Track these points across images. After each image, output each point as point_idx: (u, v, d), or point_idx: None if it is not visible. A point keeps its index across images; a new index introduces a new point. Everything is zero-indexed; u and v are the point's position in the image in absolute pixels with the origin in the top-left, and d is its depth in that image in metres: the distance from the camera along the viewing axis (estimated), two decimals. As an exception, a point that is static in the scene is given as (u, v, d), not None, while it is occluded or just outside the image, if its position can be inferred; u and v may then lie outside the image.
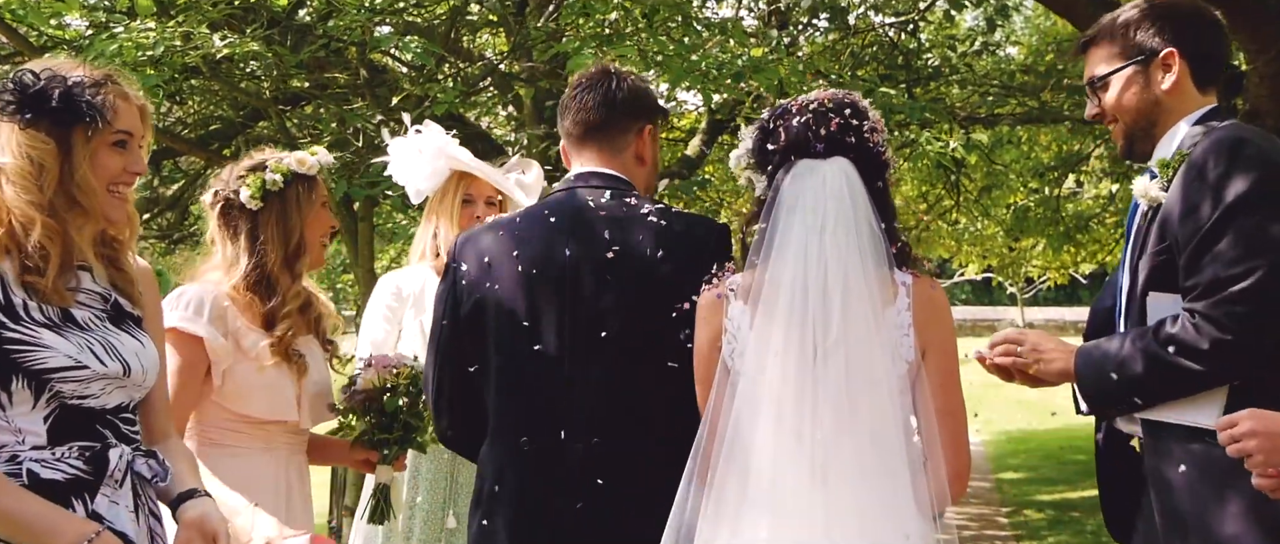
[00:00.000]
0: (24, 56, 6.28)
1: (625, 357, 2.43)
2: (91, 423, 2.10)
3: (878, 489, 2.16)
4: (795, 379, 2.20)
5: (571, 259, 2.47)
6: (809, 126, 2.30)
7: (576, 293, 2.46)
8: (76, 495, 2.07)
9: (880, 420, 2.19)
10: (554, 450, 2.43)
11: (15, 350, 2.03)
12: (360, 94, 6.59)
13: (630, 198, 2.53)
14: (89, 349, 2.09)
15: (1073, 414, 2.74)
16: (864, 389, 2.20)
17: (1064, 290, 25.45)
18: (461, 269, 2.55)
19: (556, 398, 2.45)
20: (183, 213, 8.53)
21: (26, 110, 2.08)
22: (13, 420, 2.04)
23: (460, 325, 2.53)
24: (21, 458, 2.03)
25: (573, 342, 2.45)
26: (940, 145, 6.62)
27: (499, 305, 2.49)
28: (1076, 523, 8.46)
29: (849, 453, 2.17)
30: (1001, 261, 17.14)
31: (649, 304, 2.43)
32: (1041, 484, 10.48)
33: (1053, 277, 18.65)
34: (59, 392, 2.06)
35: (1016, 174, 11.52)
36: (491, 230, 2.57)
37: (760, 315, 2.25)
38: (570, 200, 2.54)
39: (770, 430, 2.19)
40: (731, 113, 7.93)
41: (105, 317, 2.16)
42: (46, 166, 2.09)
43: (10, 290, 2.06)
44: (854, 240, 2.24)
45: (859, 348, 2.20)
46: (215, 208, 2.83)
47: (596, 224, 2.48)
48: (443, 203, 3.45)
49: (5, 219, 2.07)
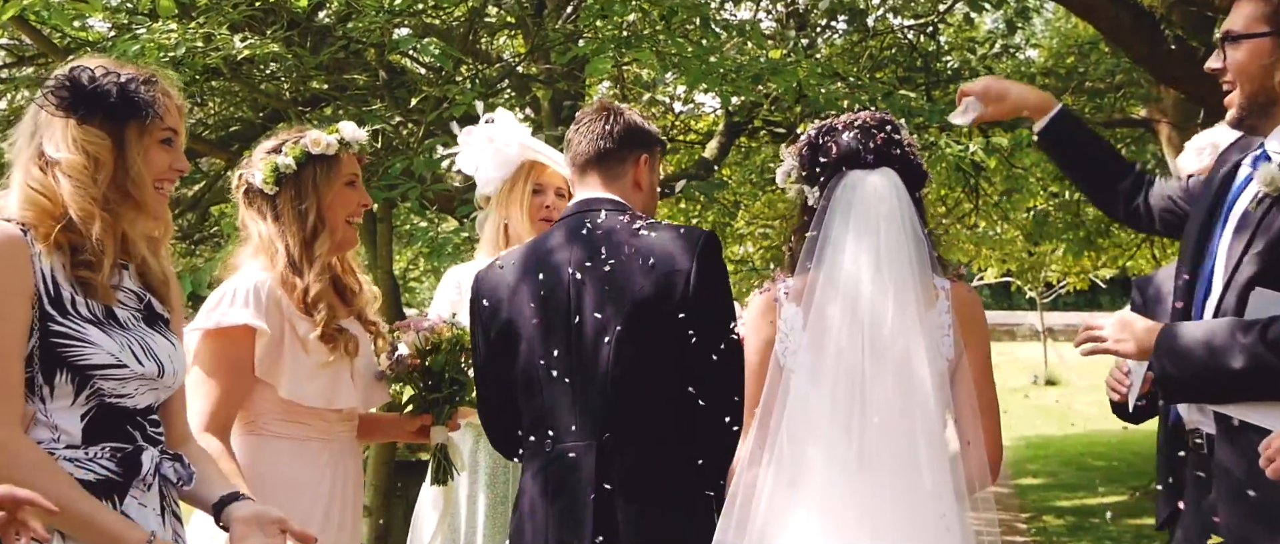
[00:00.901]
0: (48, 58, 6.34)
1: (625, 361, 2.65)
2: (123, 423, 2.12)
3: (918, 478, 2.34)
4: (847, 375, 2.39)
5: (572, 276, 2.71)
6: (858, 140, 2.52)
7: (580, 306, 2.69)
8: (106, 497, 2.08)
9: (922, 415, 2.37)
10: (571, 450, 2.66)
11: (61, 345, 2.05)
12: (379, 95, 6.61)
13: (623, 216, 2.76)
14: (129, 348, 2.11)
15: (1091, 421, 2.73)
16: (908, 385, 2.38)
17: (1084, 295, 25.30)
18: (481, 303, 2.81)
19: (570, 402, 2.68)
20: (203, 214, 8.57)
21: (82, 106, 2.11)
22: (51, 415, 2.05)
23: (491, 348, 2.80)
24: (57, 455, 2.04)
25: (579, 350, 2.68)
26: (959, 148, 6.59)
27: (517, 326, 2.75)
28: (1096, 529, 8.40)
29: (893, 444, 2.36)
30: (1021, 266, 17.06)
31: (644, 308, 2.65)
32: (1061, 490, 10.43)
33: (1072, 281, 18.54)
34: (99, 389, 2.07)
35: (1037, 178, 11.45)
36: (503, 263, 2.85)
37: (814, 315, 2.45)
38: (571, 225, 2.79)
39: (823, 424, 2.39)
40: (749, 115, 7.93)
41: (140, 316, 2.18)
42: (102, 162, 2.12)
43: (60, 285, 2.07)
44: (902, 244, 2.44)
45: (905, 346, 2.40)
46: (240, 191, 2.84)
47: (594, 242, 2.73)
48: (512, 192, 3.42)
49: (60, 213, 2.09)
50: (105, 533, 2.05)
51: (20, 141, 2.16)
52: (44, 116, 2.13)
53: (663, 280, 2.66)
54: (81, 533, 2.01)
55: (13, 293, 2.01)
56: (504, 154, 3.41)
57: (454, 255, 5.78)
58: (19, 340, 2.02)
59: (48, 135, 2.12)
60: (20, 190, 2.11)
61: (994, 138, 8.12)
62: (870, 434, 2.37)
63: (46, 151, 2.11)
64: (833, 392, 2.40)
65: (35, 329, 2.03)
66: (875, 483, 2.35)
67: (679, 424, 2.64)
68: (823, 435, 2.39)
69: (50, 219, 2.08)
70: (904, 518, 2.34)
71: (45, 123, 2.13)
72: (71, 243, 2.09)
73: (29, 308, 2.03)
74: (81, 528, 2.01)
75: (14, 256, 2.03)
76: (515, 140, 3.41)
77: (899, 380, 2.39)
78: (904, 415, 2.39)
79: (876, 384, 2.39)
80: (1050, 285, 21.58)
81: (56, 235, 2.07)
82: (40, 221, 2.08)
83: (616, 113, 2.86)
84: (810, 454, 2.39)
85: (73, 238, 2.10)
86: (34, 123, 2.15)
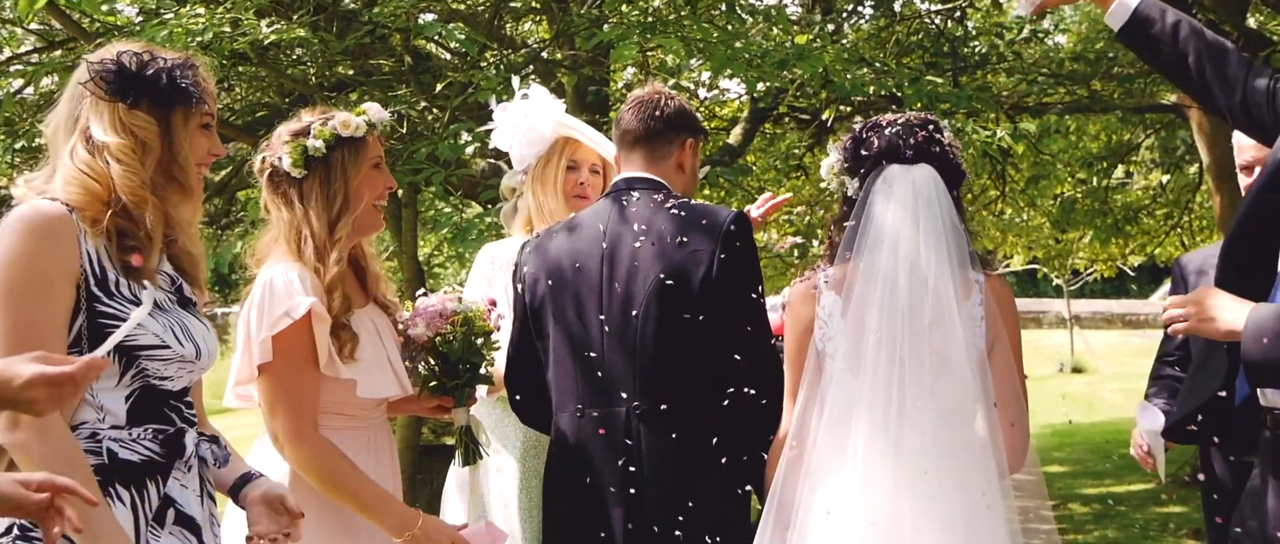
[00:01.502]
0: (78, 42, 6.39)
1: (653, 330, 2.80)
2: (163, 405, 2.14)
3: (958, 461, 2.46)
4: (886, 362, 2.49)
5: (608, 250, 2.88)
6: (899, 136, 2.64)
7: (613, 279, 2.85)
8: (150, 477, 2.11)
9: (956, 401, 2.49)
10: (604, 415, 2.83)
11: (109, 325, 2.07)
12: (404, 81, 6.63)
13: (659, 195, 2.92)
14: (171, 330, 2.13)
15: (1117, 409, 2.76)
16: (944, 372, 2.50)
17: (1112, 283, 25.09)
18: (524, 270, 2.99)
19: (604, 370, 2.84)
20: (230, 199, 8.63)
21: (131, 91, 2.12)
22: (97, 396, 2.07)
23: (527, 317, 2.97)
24: (101, 436, 2.07)
25: (612, 320, 2.84)
26: (986, 134, 6.54)
27: (556, 296, 2.92)
28: (1122, 517, 8.36)
29: (932, 428, 2.47)
30: (1047, 253, 16.93)
31: (674, 282, 2.80)
32: (1087, 478, 10.37)
33: (1100, 269, 18.39)
34: (144, 370, 2.10)
35: (1064, 164, 11.35)
36: (548, 235, 3.02)
37: (854, 304, 2.55)
38: (610, 202, 2.97)
39: (862, 409, 2.49)
40: (774, 101, 7.89)
41: (174, 299, 2.20)
42: (150, 146, 2.14)
43: (106, 266, 2.08)
44: (939, 236, 2.55)
45: (944, 335, 2.51)
46: (263, 175, 2.77)
47: (630, 219, 2.89)
48: (547, 168, 3.39)
49: (108, 197, 2.10)
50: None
51: (59, 125, 2.16)
52: (89, 100, 2.13)
53: (692, 257, 2.80)
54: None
55: (58, 272, 2.03)
56: (537, 131, 3.38)
57: (478, 241, 5.78)
58: (62, 320, 2.03)
59: (95, 119, 2.12)
60: (67, 172, 2.11)
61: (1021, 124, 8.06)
62: (908, 418, 2.47)
63: (94, 135, 2.11)
64: (872, 378, 2.49)
65: (82, 309, 2.05)
66: (916, 467, 2.44)
67: (705, 394, 2.77)
68: (862, 419, 2.49)
69: (98, 202, 2.09)
70: (947, 500, 2.43)
71: (91, 106, 2.13)
72: (118, 228, 2.11)
73: (73, 288, 2.04)
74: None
75: (60, 236, 2.04)
76: (550, 116, 3.38)
77: (937, 367, 2.50)
78: (942, 401, 2.49)
79: (914, 371, 2.49)
80: (1077, 272, 21.40)
81: (107, 221, 2.09)
82: (88, 204, 2.09)
83: (667, 97, 3.03)
84: (849, 438, 2.49)
85: (120, 223, 2.11)
86: (76, 106, 2.15)
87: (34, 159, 5.61)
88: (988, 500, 2.44)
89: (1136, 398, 3.07)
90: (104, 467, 2.06)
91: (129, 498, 2.08)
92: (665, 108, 2.99)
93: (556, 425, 2.91)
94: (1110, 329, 28.01)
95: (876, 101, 7.98)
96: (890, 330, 2.51)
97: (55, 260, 2.03)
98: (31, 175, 2.19)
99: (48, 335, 2.01)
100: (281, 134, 2.77)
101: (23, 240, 2.02)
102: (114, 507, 2.06)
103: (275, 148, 2.75)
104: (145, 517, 2.10)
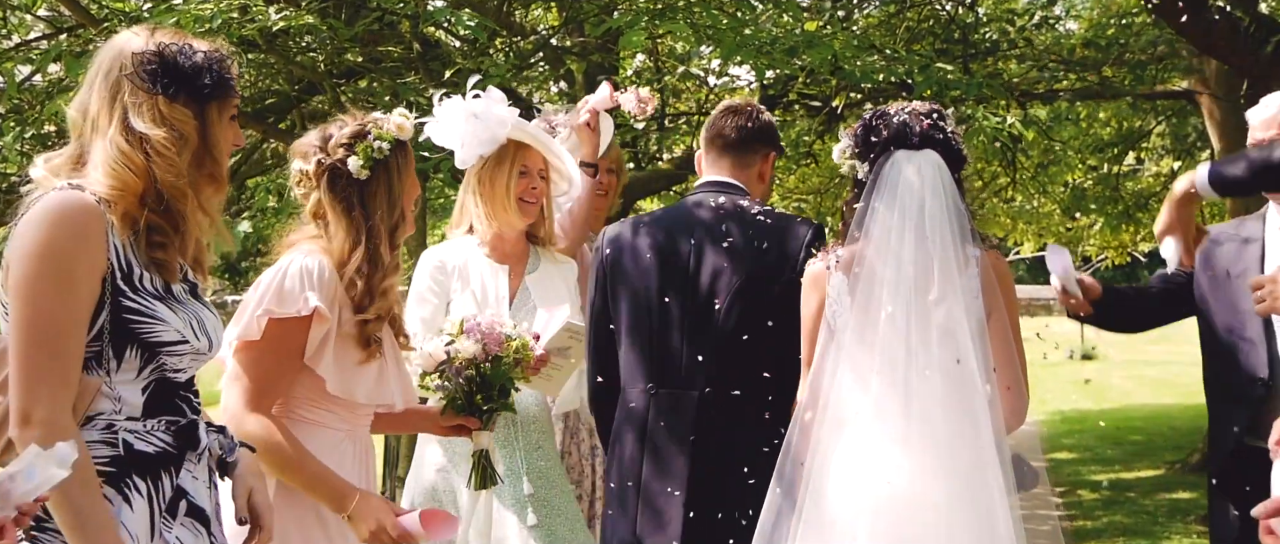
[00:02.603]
0: (86, 29, 6.39)
1: (733, 323, 3.07)
2: (174, 396, 2.15)
3: (958, 424, 2.65)
4: (891, 335, 2.68)
5: (694, 246, 3.15)
6: (906, 124, 2.81)
7: (697, 272, 3.13)
8: (164, 469, 2.11)
9: (962, 370, 2.67)
10: (676, 396, 3.10)
11: (133, 321, 2.07)
12: (413, 68, 6.62)
13: (743, 200, 3.20)
14: (190, 324, 2.13)
15: (1127, 396, 2.80)
16: (949, 343, 2.69)
17: (1122, 270, 24.99)
18: (606, 253, 3.25)
19: (679, 354, 3.11)
20: (240, 187, 8.64)
21: (172, 83, 2.12)
22: (115, 387, 2.07)
23: (607, 299, 3.23)
24: (117, 427, 2.07)
25: (692, 311, 3.11)
26: (996, 121, 6.51)
27: (635, 282, 3.19)
28: (1131, 503, 8.35)
29: (935, 393, 2.66)
30: (1058, 240, 16.89)
31: (753, 282, 3.08)
32: (1096, 464, 10.36)
33: (1111, 256, 18.32)
34: (162, 364, 2.10)
35: (1075, 151, 11.31)
36: (633, 224, 3.28)
37: (862, 280, 2.74)
38: (700, 200, 3.23)
39: (870, 378, 2.69)
40: (784, 88, 7.87)
41: (187, 289, 2.20)
42: (188, 138, 2.14)
43: (132, 260, 2.09)
44: (942, 216, 2.73)
45: (947, 309, 2.69)
46: (321, 178, 2.70)
47: (716, 219, 3.16)
48: (498, 171, 3.41)
49: (143, 190, 2.09)
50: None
51: (96, 112, 2.13)
52: (128, 89, 2.12)
53: (775, 260, 3.09)
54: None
55: (83, 267, 2.02)
56: (491, 132, 3.37)
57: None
58: (83, 315, 2.03)
59: (134, 109, 2.11)
60: (105, 163, 2.09)
61: (1032, 110, 8.03)
62: (914, 386, 2.66)
63: (134, 126, 2.10)
64: (880, 350, 2.70)
65: (106, 304, 2.05)
66: (922, 430, 2.65)
67: (766, 381, 3.05)
68: (870, 388, 2.70)
69: (133, 195, 2.08)
70: (948, 457, 2.64)
71: (129, 95, 2.12)
72: (149, 222, 2.10)
73: (98, 283, 2.04)
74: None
75: (90, 232, 2.03)
76: (508, 121, 3.37)
77: (940, 339, 2.68)
78: (946, 366, 2.68)
79: (919, 342, 2.68)
80: (1088, 260, 21.34)
81: (139, 214, 2.08)
82: (122, 197, 2.08)
83: (758, 110, 3.31)
84: (858, 404, 2.70)
85: (151, 217, 2.10)
86: (115, 94, 2.13)
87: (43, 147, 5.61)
88: (986, 459, 2.63)
89: (1147, 385, 3.14)
90: (120, 459, 2.07)
91: (145, 489, 2.09)
92: (757, 120, 3.27)
93: (624, 402, 3.16)
94: (1120, 316, 27.85)
95: (886, 88, 7.96)
96: (895, 305, 2.69)
97: (82, 255, 2.02)
98: (51, 155, 2.16)
99: (68, 330, 2.01)
100: (335, 136, 2.71)
101: (51, 232, 2.02)
102: (133, 498, 2.07)
103: (329, 150, 2.70)
104: (159, 508, 2.10)
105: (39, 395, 1.98)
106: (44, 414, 1.98)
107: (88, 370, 2.05)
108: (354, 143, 2.69)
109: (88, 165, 2.11)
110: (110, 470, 2.06)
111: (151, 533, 2.08)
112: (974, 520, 2.62)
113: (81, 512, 1.97)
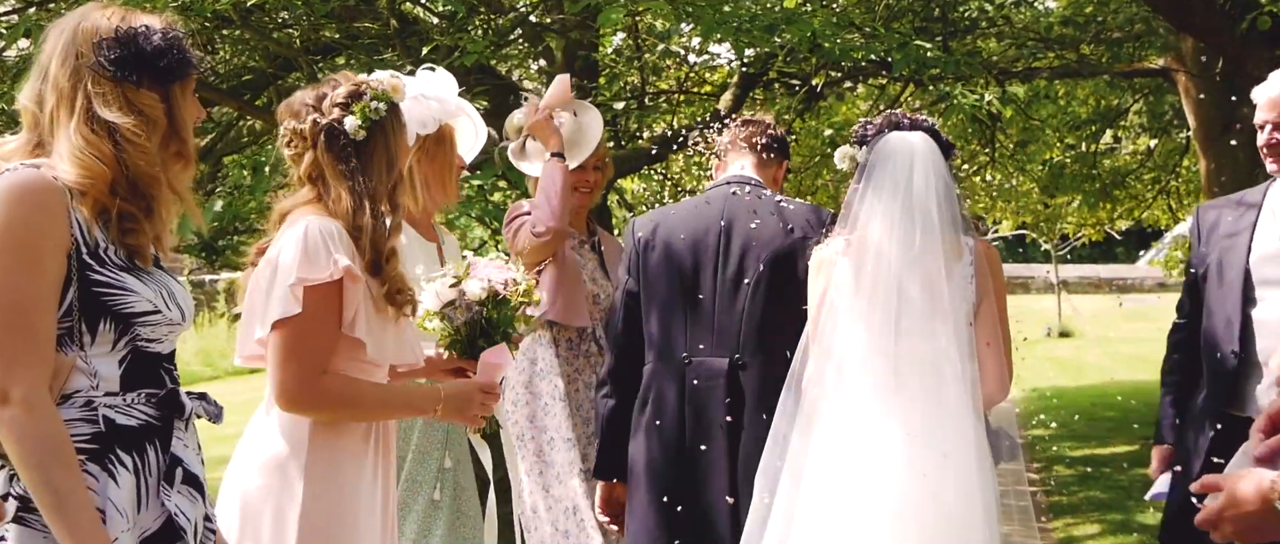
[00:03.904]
0: (58, 2, 6.31)
1: (759, 299, 3.43)
2: (154, 368, 2.14)
3: (942, 396, 2.94)
4: (883, 308, 2.98)
5: (723, 229, 3.52)
6: (895, 116, 3.23)
7: (726, 253, 3.49)
8: (150, 441, 2.10)
9: (947, 343, 2.96)
10: (710, 364, 3.45)
11: (104, 294, 2.06)
12: (391, 44, 6.58)
13: (765, 192, 3.60)
14: (161, 295, 2.12)
15: (1103, 373, 2.88)
16: (936, 317, 2.98)
17: (1099, 247, 25.16)
18: (639, 237, 3.61)
19: (711, 327, 3.47)
20: (216, 164, 8.57)
21: (137, 69, 2.10)
22: (91, 362, 2.06)
23: (639, 278, 3.58)
24: (96, 403, 2.06)
25: (722, 288, 3.47)
26: (975, 98, 6.52)
27: (669, 263, 3.55)
28: (1106, 478, 8.43)
29: (921, 366, 2.96)
30: (1036, 218, 16.96)
31: (778, 262, 3.44)
32: (1071, 440, 10.45)
33: (1088, 233, 18.43)
34: (137, 335, 2.09)
35: (1053, 129, 11.35)
36: (661, 213, 3.66)
37: (857, 257, 3.05)
38: (729, 189, 3.60)
39: (862, 347, 3.00)
40: (764, 66, 7.85)
41: (153, 261, 2.19)
42: (156, 122, 2.13)
43: (97, 234, 2.07)
44: (933, 187, 3.05)
45: (940, 288, 2.98)
46: (317, 138, 2.65)
47: (742, 206, 3.55)
48: (440, 149, 3.45)
49: (110, 178, 2.07)
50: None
51: (55, 100, 2.10)
52: (90, 77, 2.09)
53: (797, 243, 3.45)
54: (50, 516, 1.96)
55: (50, 245, 2.01)
56: (445, 109, 3.36)
57: (465, 205, 5.77)
58: (52, 292, 2.01)
59: (98, 97, 2.09)
60: (73, 155, 2.07)
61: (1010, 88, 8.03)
62: (903, 357, 2.96)
63: (100, 114, 2.08)
64: (870, 322, 2.99)
65: (74, 279, 2.04)
66: (906, 396, 2.94)
67: (787, 352, 3.31)
68: (862, 357, 2.99)
69: (102, 183, 2.07)
70: (932, 422, 2.92)
71: (93, 85, 2.09)
72: (121, 210, 2.08)
73: (63, 259, 2.02)
74: (52, 511, 1.96)
75: (50, 207, 2.02)
76: (451, 102, 3.38)
77: (928, 312, 2.98)
78: (932, 343, 2.97)
79: (907, 315, 2.98)
80: (1065, 238, 21.46)
81: (111, 204, 2.07)
82: (92, 187, 2.06)
83: (776, 126, 3.80)
84: (853, 371, 2.99)
85: (123, 205, 2.09)
86: (72, 85, 2.10)
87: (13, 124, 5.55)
88: (962, 428, 2.91)
89: (1122, 361, 3.28)
90: (102, 435, 2.06)
91: (132, 463, 2.08)
92: (777, 132, 3.74)
93: (658, 371, 3.51)
94: (1098, 294, 28.12)
95: (866, 67, 7.95)
96: (888, 280, 2.99)
97: (45, 232, 2.01)
98: (5, 140, 2.15)
99: (38, 308, 2.00)
100: (330, 96, 2.68)
101: (11, 211, 2.00)
102: (118, 474, 2.06)
103: (324, 111, 2.67)
104: (147, 482, 2.10)
105: (16, 374, 1.97)
106: (23, 392, 1.97)
107: (61, 348, 2.03)
108: (350, 102, 2.66)
109: (52, 156, 2.09)
110: (93, 448, 2.05)
111: (139, 506, 2.07)
112: (954, 487, 2.86)
113: (59, 492, 1.96)
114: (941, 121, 10.60)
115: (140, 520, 2.07)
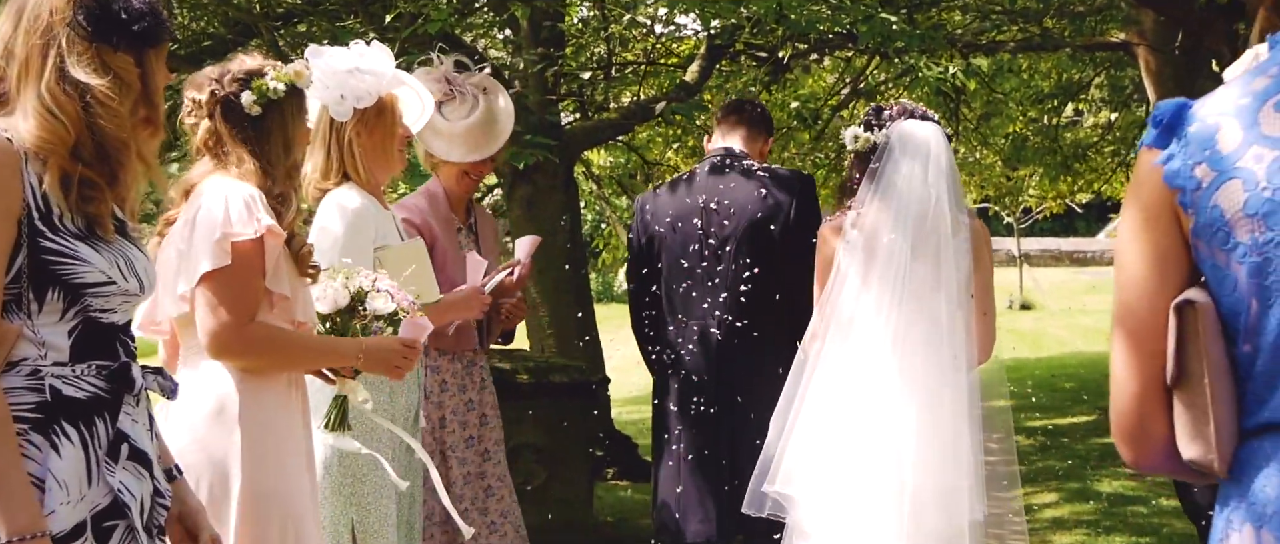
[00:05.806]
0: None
1: (745, 262, 3.89)
2: (108, 340, 2.09)
3: (938, 355, 3.35)
4: (890, 274, 3.32)
5: (706, 201, 3.96)
6: (908, 105, 3.59)
7: (711, 222, 3.94)
8: (98, 414, 2.06)
9: (949, 314, 3.34)
10: (702, 327, 3.96)
11: (53, 262, 2.00)
12: (352, 11, 6.51)
13: (746, 162, 4.04)
14: (116, 265, 2.07)
15: (1063, 344, 2.98)
16: (938, 284, 3.34)
17: (1060, 220, 25.43)
18: (644, 214, 4.11)
19: (704, 291, 3.94)
20: (173, 131, 8.46)
21: (113, 32, 2.07)
22: (39, 332, 2.01)
23: (643, 251, 4.10)
24: (43, 373, 2.01)
25: (710, 254, 3.94)
26: (939, 71, 6.56)
27: (666, 236, 4.02)
28: (1065, 448, 8.56)
29: (921, 330, 3.32)
30: (999, 191, 17.11)
31: (757, 226, 3.90)
32: (1031, 410, 10.59)
33: (1050, 206, 18.61)
34: (87, 305, 2.04)
35: (1016, 102, 11.43)
36: (666, 187, 4.19)
37: (868, 230, 3.36)
38: (715, 164, 4.05)
39: (868, 309, 3.35)
40: (730, 38, 7.84)
41: (116, 227, 2.15)
42: (130, 86, 2.09)
43: (50, 199, 2.02)
44: (943, 174, 3.39)
45: (938, 258, 3.34)
46: (214, 108, 2.75)
47: (725, 178, 3.99)
48: (381, 119, 3.43)
49: (72, 141, 2.03)
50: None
51: (25, 57, 2.05)
52: (65, 36, 2.05)
53: (773, 207, 3.90)
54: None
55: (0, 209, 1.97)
56: (381, 82, 3.36)
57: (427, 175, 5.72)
58: (1, 258, 1.97)
59: (72, 57, 2.04)
60: (38, 114, 2.02)
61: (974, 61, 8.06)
62: (905, 318, 3.31)
63: (73, 74, 2.04)
64: (878, 287, 3.33)
65: (24, 246, 1.99)
66: (907, 347, 3.31)
67: (775, 309, 3.84)
68: (867, 318, 3.34)
69: (64, 146, 2.02)
70: (929, 376, 3.32)
71: (67, 43, 2.05)
72: (82, 176, 2.04)
73: (13, 225, 1.97)
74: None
75: (2, 170, 1.97)
76: (388, 73, 3.38)
77: (933, 283, 3.33)
78: (932, 308, 3.32)
79: (913, 281, 3.32)
80: (1027, 210, 21.67)
81: (72, 169, 2.03)
82: (54, 150, 2.02)
83: (763, 105, 4.39)
84: (857, 330, 3.34)
85: (84, 171, 2.04)
86: (44, 42, 2.05)
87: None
88: (957, 383, 3.36)
89: (1081, 333, 3.45)
90: (47, 405, 2.01)
91: (78, 436, 2.05)
92: (763, 110, 4.26)
93: (667, 335, 4.01)
94: (1058, 266, 28.47)
95: (832, 39, 7.96)
96: (897, 250, 3.32)
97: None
98: None
99: None
100: (232, 71, 2.76)
101: None
102: (61, 445, 2.02)
103: (222, 83, 2.75)
104: (97, 454, 2.07)
105: None
106: None
107: (8, 314, 1.99)
108: (250, 78, 2.74)
109: (16, 114, 2.05)
110: (37, 417, 2.00)
111: (88, 480, 2.05)
112: (941, 439, 3.33)
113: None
114: (907, 94, 10.66)
115: (90, 495, 2.05)
